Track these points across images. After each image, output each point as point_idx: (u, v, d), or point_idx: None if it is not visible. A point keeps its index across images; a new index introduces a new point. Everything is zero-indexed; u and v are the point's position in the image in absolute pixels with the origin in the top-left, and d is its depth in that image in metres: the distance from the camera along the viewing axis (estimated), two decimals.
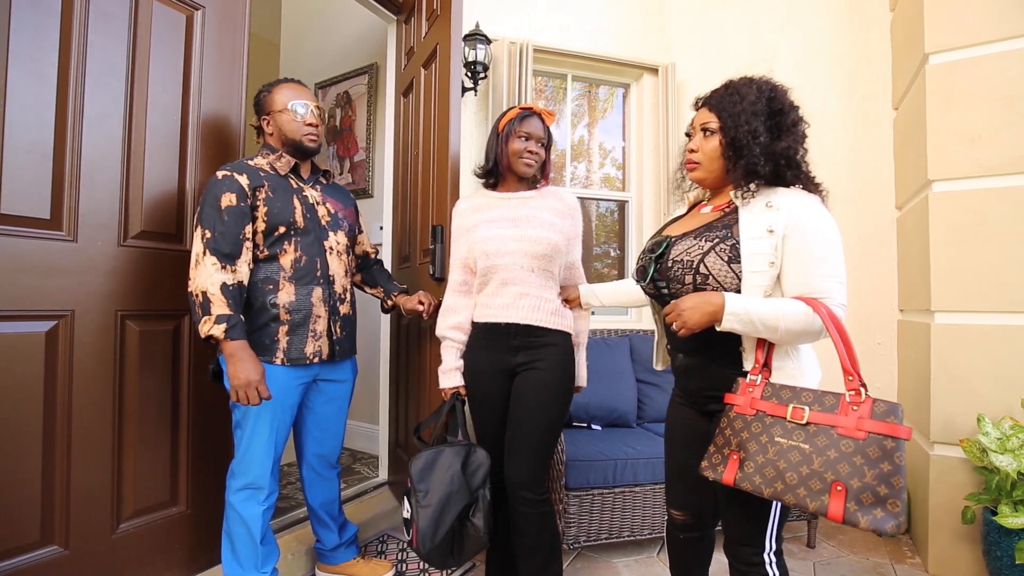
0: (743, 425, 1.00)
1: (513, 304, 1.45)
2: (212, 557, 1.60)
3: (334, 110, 3.32)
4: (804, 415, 0.92)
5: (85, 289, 1.38)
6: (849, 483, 0.85)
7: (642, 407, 2.44)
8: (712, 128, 1.12)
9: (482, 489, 1.39)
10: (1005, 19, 1.88)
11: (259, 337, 1.44)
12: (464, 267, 1.54)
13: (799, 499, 0.89)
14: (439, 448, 1.42)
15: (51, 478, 1.33)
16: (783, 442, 0.94)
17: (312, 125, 1.54)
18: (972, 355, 1.89)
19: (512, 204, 1.52)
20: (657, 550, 2.07)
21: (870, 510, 0.83)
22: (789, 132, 1.07)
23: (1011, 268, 1.84)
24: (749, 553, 1.08)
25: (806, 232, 1.00)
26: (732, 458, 1.00)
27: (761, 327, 0.98)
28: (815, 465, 0.89)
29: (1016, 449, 1.65)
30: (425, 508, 1.33)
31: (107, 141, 1.42)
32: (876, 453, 0.85)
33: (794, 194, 1.04)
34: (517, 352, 1.47)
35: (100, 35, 1.40)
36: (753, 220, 1.04)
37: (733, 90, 1.12)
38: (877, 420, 0.86)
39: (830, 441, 0.89)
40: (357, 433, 3.08)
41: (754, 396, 1.00)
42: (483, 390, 1.50)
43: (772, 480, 0.93)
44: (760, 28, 2.83)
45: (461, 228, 1.56)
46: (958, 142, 1.94)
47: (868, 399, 0.89)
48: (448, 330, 1.54)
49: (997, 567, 1.67)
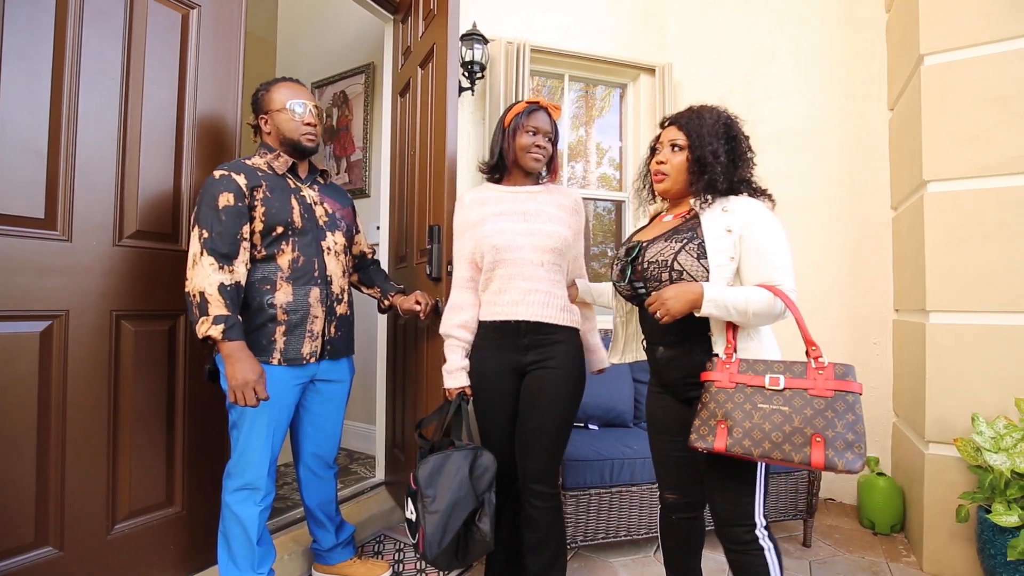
0: (726, 397, 1.12)
1: (522, 300, 1.43)
2: (208, 558, 1.59)
3: (331, 110, 3.31)
4: (780, 382, 1.07)
5: (80, 289, 1.37)
6: (825, 434, 1.00)
7: (639, 407, 2.44)
8: (680, 144, 1.27)
9: (488, 493, 1.38)
10: (999, 21, 1.89)
11: (256, 337, 1.44)
12: (470, 262, 1.50)
13: (785, 454, 1.03)
14: (447, 453, 1.40)
15: (45, 479, 1.32)
16: (765, 407, 1.07)
17: (310, 125, 1.54)
18: (966, 355, 1.90)
19: (520, 198, 1.50)
20: (654, 550, 2.08)
21: (843, 454, 0.98)
22: (743, 158, 1.25)
23: (1005, 268, 1.85)
24: (741, 532, 1.19)
25: (757, 232, 1.16)
26: (720, 427, 1.11)
27: (733, 311, 1.13)
28: (795, 423, 1.03)
29: (1010, 448, 1.66)
30: (432, 514, 1.32)
31: (102, 140, 1.41)
32: (842, 407, 1.01)
33: (743, 199, 1.22)
34: (527, 351, 1.45)
35: (95, 33, 1.39)
36: (713, 222, 1.20)
37: (697, 113, 1.28)
38: (839, 379, 1.03)
39: (805, 401, 1.04)
40: (354, 433, 3.07)
41: (731, 371, 1.13)
42: (492, 391, 1.47)
43: (760, 441, 1.06)
44: (757, 29, 2.84)
45: (466, 222, 1.51)
46: (953, 143, 1.95)
47: (830, 364, 1.05)
48: (454, 328, 1.50)
49: (991, 565, 1.68)
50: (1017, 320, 1.83)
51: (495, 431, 1.49)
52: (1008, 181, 1.86)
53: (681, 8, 3.04)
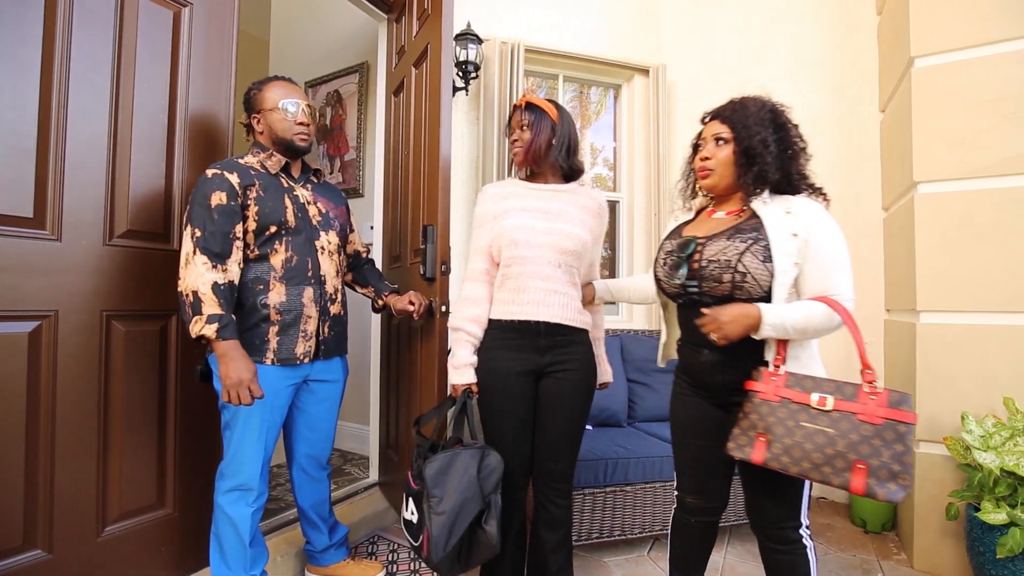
0: (769, 410, 1.09)
1: (543, 301, 1.39)
2: (200, 560, 1.58)
3: (324, 109, 3.30)
4: (828, 403, 1.04)
5: (69, 289, 1.36)
6: (869, 462, 0.98)
7: (633, 407, 2.45)
8: (725, 137, 1.21)
9: (494, 494, 1.33)
10: (988, 24, 1.91)
11: (249, 337, 1.43)
12: (487, 255, 1.45)
13: (824, 476, 1.01)
14: (454, 451, 1.35)
15: (34, 481, 1.30)
16: (809, 426, 1.04)
17: (303, 124, 1.53)
18: (956, 354, 1.92)
19: (544, 196, 1.46)
20: (648, 549, 2.08)
21: (885, 484, 0.96)
22: (794, 149, 1.18)
23: (994, 269, 1.87)
24: (790, 532, 1.19)
25: (823, 239, 1.11)
26: (759, 440, 1.09)
27: (792, 331, 1.09)
28: (839, 447, 1.00)
29: (999, 446, 1.68)
30: (439, 515, 1.27)
31: (92, 139, 1.40)
32: (891, 436, 0.97)
33: (806, 202, 1.16)
34: (545, 352, 1.42)
35: (85, 31, 1.38)
36: (778, 224, 1.13)
37: (740, 104, 1.22)
38: (892, 408, 0.99)
39: (852, 425, 1.01)
40: (347, 434, 3.06)
41: (778, 384, 1.10)
42: (506, 393, 1.42)
43: (799, 459, 1.04)
44: (750, 31, 2.86)
45: (487, 214, 1.47)
46: (943, 144, 1.97)
47: (885, 390, 1.00)
48: (465, 321, 1.44)
49: (980, 562, 1.70)
50: (1006, 320, 1.86)
51: (505, 434, 1.43)
52: (997, 183, 1.88)
53: (674, 9, 3.05)
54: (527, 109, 1.46)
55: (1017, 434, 1.68)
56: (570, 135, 1.48)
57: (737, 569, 1.95)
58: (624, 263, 3.04)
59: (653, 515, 2.01)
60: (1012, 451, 1.64)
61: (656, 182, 2.85)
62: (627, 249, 3.04)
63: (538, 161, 1.47)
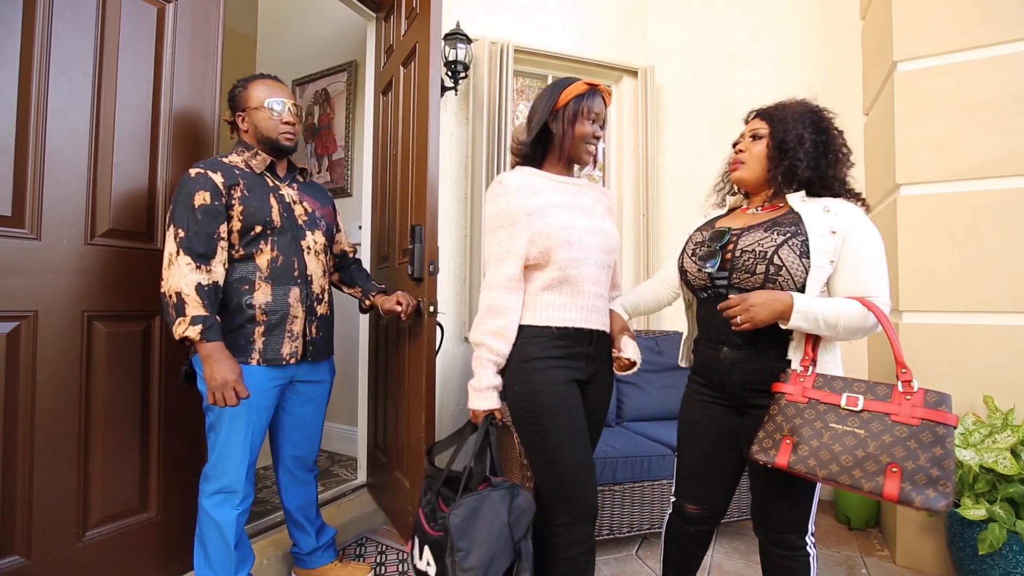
0: (795, 412, 1.05)
1: (596, 307, 1.27)
2: (184, 564, 1.56)
3: (312, 107, 3.27)
4: (859, 403, 0.99)
5: (49, 289, 1.33)
6: (904, 465, 0.91)
7: (621, 406, 2.47)
8: (761, 134, 1.22)
9: (524, 541, 1.14)
10: (968, 30, 1.95)
11: (234, 338, 1.41)
12: (521, 259, 1.22)
13: (854, 480, 0.95)
14: (482, 493, 1.14)
15: (12, 484, 1.28)
16: (837, 428, 0.99)
17: (289, 124, 1.52)
18: (937, 353, 1.96)
19: (571, 191, 1.31)
20: (636, 548, 2.09)
21: (923, 490, 0.89)
22: (836, 155, 1.18)
23: (975, 270, 1.91)
24: (794, 539, 1.17)
25: (861, 238, 1.08)
26: (785, 443, 1.04)
27: (823, 325, 1.04)
28: (870, 449, 0.95)
29: (978, 444, 1.71)
30: (467, 571, 1.06)
31: (72, 135, 1.37)
32: (929, 438, 0.91)
33: (846, 203, 1.14)
34: (592, 361, 1.29)
35: (65, 25, 1.35)
36: (816, 221, 1.11)
37: (782, 104, 1.23)
38: (930, 408, 0.92)
39: (884, 427, 0.95)
40: (335, 435, 3.04)
41: (806, 385, 1.05)
42: (573, 405, 1.23)
43: (827, 463, 0.98)
44: (737, 34, 2.88)
45: (517, 209, 1.22)
46: (924, 148, 2.01)
47: (920, 389, 0.95)
48: (490, 336, 1.22)
49: (960, 557, 1.73)
50: (986, 320, 1.89)
51: (581, 462, 1.22)
52: (976, 185, 1.92)
53: (661, 12, 3.08)
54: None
55: (996, 431, 1.71)
56: None
57: (724, 567, 1.96)
58: None
59: (642, 514, 2.02)
60: (991, 448, 1.67)
61: (644, 183, 2.86)
62: None
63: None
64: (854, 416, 0.99)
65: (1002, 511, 1.62)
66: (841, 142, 1.19)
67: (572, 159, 1.32)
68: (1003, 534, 1.59)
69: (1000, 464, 1.62)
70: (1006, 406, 1.79)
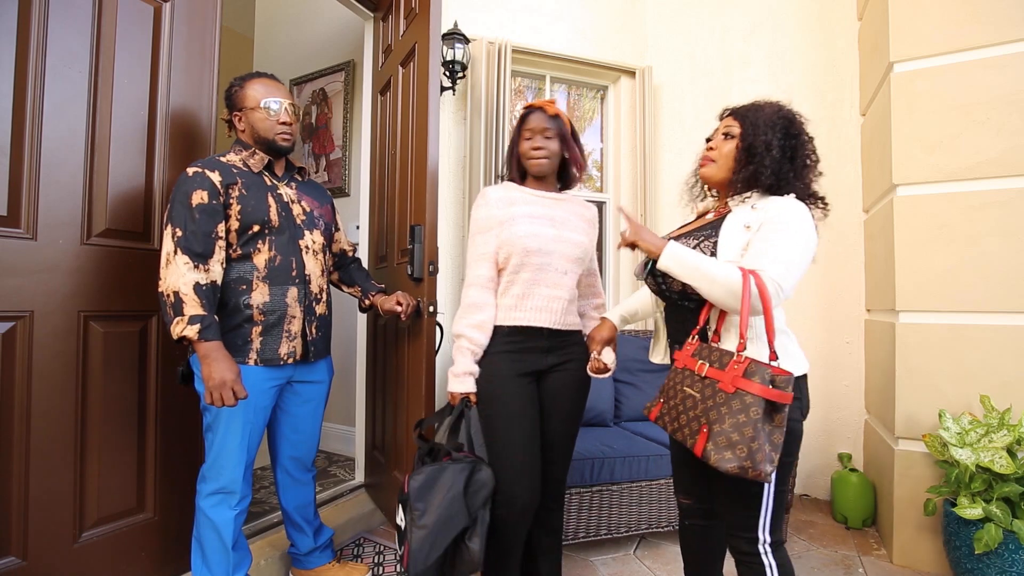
0: (673, 375, 1.16)
1: (546, 307, 1.42)
2: (182, 564, 1.56)
3: (310, 107, 3.27)
4: (704, 369, 1.07)
5: (45, 289, 1.33)
6: (712, 427, 1.00)
7: (619, 406, 2.47)
8: (733, 133, 1.23)
9: (482, 510, 1.30)
10: (964, 32, 1.96)
11: (232, 338, 1.41)
12: (493, 261, 1.43)
13: (683, 436, 1.07)
14: (442, 465, 1.32)
15: (7, 485, 1.27)
16: (687, 391, 1.09)
17: (286, 124, 1.51)
18: (934, 353, 1.96)
19: (547, 203, 1.48)
20: (634, 548, 2.09)
21: (721, 451, 0.97)
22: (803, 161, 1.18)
23: (970, 270, 1.92)
24: (742, 542, 1.14)
25: (770, 223, 1.10)
26: (659, 401, 1.18)
27: (692, 270, 1.09)
28: (698, 411, 1.04)
29: (974, 443, 1.72)
30: (420, 529, 1.25)
31: (69, 135, 1.36)
32: (737, 406, 0.97)
33: (780, 199, 1.13)
34: (547, 354, 1.45)
35: (61, 24, 1.35)
36: (735, 218, 1.15)
37: (756, 105, 1.23)
38: (746, 379, 0.98)
39: (712, 392, 1.03)
40: (333, 435, 3.03)
41: (687, 353, 1.14)
42: (518, 396, 1.40)
43: (673, 420, 1.11)
44: (732, 36, 2.89)
45: (492, 219, 1.43)
46: (920, 148, 2.02)
47: (747, 360, 1.00)
48: (469, 328, 1.41)
49: (956, 556, 1.74)
50: (982, 320, 1.90)
51: (515, 444, 1.39)
52: (972, 186, 1.93)
53: (659, 12, 3.08)
54: (553, 118, 1.45)
55: (992, 431, 1.72)
56: (580, 147, 1.53)
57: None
58: (610, 263, 3.05)
59: (639, 514, 2.02)
60: (987, 447, 1.68)
61: (642, 183, 2.86)
62: (613, 249, 3.06)
63: (555, 171, 1.51)
64: (699, 381, 1.07)
65: (998, 510, 1.62)
66: (810, 149, 1.20)
67: (528, 173, 1.50)
68: (999, 533, 1.60)
69: (996, 463, 1.63)
70: (1002, 405, 1.80)
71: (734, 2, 2.90)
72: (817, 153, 1.21)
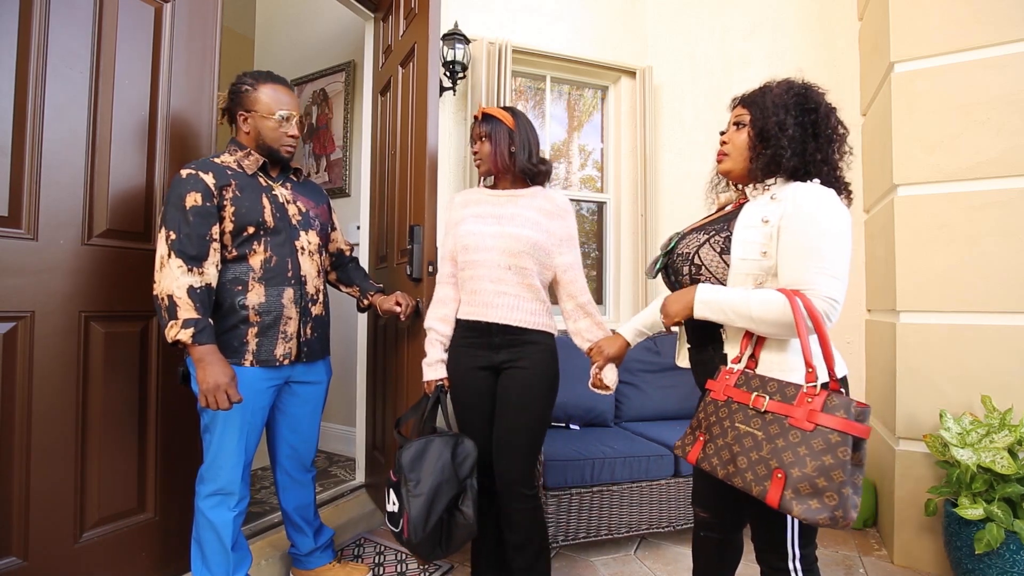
0: (714, 410, 1.03)
1: (492, 303, 1.46)
2: (182, 565, 1.56)
3: (310, 107, 3.27)
4: (764, 403, 0.94)
5: (46, 289, 1.33)
6: (789, 471, 0.86)
7: (619, 407, 2.47)
8: (743, 121, 1.15)
9: (470, 479, 1.41)
10: (965, 32, 1.95)
11: (227, 339, 1.41)
12: (452, 260, 1.56)
13: (745, 482, 0.92)
14: (428, 438, 1.44)
15: (8, 485, 1.27)
16: (742, 428, 0.96)
17: (294, 137, 1.51)
18: (934, 353, 1.96)
19: (500, 202, 1.53)
20: (634, 548, 2.09)
21: (805, 500, 0.84)
22: (826, 135, 1.08)
23: (971, 270, 1.91)
24: (774, 559, 1.09)
25: (800, 221, 0.98)
26: (699, 439, 1.05)
27: (732, 315, 1.01)
28: (763, 452, 0.90)
29: (975, 443, 1.71)
30: (417, 497, 1.34)
31: (69, 136, 1.37)
32: (820, 445, 0.85)
33: (802, 186, 1.03)
34: (499, 349, 1.48)
35: (62, 25, 1.35)
36: (752, 210, 1.06)
37: (764, 88, 1.16)
38: (827, 413, 0.86)
39: (781, 430, 0.90)
40: (333, 435, 3.03)
41: (728, 383, 1.02)
42: (467, 388, 1.51)
43: (726, 463, 0.96)
44: (732, 36, 2.89)
45: (451, 221, 1.58)
46: (920, 148, 2.01)
47: (823, 392, 0.88)
48: (435, 321, 1.55)
49: (957, 556, 1.73)
50: (982, 320, 1.90)
51: (472, 428, 1.52)
52: (971, 186, 1.92)
53: (659, 12, 3.08)
54: (483, 121, 1.51)
55: (993, 431, 1.72)
56: (529, 139, 1.53)
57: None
58: (611, 263, 3.05)
59: (640, 514, 2.02)
60: (988, 448, 1.67)
61: (643, 183, 2.86)
62: (614, 249, 3.06)
63: (502, 169, 1.52)
64: (758, 417, 0.94)
65: (1000, 510, 1.62)
66: (835, 121, 1.09)
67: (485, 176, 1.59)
68: (1000, 533, 1.59)
69: (998, 464, 1.63)
70: (1003, 406, 1.79)
71: (734, 2, 2.89)
72: (845, 125, 1.11)
